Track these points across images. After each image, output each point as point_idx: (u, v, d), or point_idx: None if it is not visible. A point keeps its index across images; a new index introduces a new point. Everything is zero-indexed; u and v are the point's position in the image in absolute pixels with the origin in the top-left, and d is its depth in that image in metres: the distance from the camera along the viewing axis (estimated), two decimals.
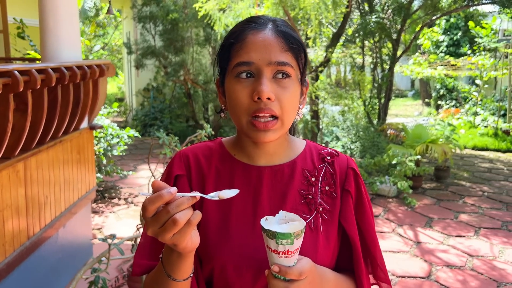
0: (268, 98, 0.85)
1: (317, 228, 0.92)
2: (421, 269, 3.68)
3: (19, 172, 2.54)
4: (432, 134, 6.24)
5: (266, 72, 0.86)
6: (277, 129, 0.88)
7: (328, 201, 0.95)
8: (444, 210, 5.16)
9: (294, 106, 0.90)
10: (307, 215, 0.92)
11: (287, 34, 0.89)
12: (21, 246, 2.58)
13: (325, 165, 0.98)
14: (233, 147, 0.99)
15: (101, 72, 3.38)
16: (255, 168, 0.95)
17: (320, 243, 0.91)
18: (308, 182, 0.96)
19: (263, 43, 0.86)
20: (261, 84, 0.84)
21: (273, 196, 0.94)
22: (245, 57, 0.86)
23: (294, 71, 0.88)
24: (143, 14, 7.59)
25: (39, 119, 2.59)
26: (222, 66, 0.93)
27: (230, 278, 0.89)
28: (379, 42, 7.83)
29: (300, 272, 0.79)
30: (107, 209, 4.95)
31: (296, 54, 0.89)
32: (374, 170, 5.88)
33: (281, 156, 0.98)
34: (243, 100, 0.87)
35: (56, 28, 3.21)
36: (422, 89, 14.91)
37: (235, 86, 0.87)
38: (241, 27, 0.91)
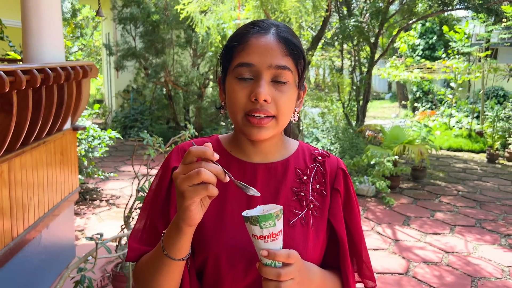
0: (265, 100, 0.89)
1: (307, 224, 0.97)
2: (400, 266, 3.80)
3: (3, 173, 2.54)
4: (409, 135, 6.42)
5: (265, 75, 0.90)
6: (271, 127, 0.93)
7: (319, 199, 1.00)
8: (421, 209, 5.32)
9: (290, 108, 0.95)
10: (298, 211, 0.97)
11: (288, 40, 0.92)
12: (5, 247, 2.57)
13: (316, 165, 1.03)
14: (229, 143, 1.04)
15: (85, 73, 3.38)
16: (250, 164, 1.00)
17: (310, 238, 0.96)
18: (300, 180, 1.01)
19: (265, 47, 0.90)
20: (259, 86, 0.89)
21: (266, 192, 0.98)
22: (247, 58, 0.90)
23: (292, 76, 0.93)
24: (123, 16, 7.56)
25: (23, 120, 2.59)
26: (224, 66, 0.98)
27: (223, 269, 0.93)
28: (358, 45, 7.99)
29: (287, 254, 0.83)
30: (88, 211, 4.93)
31: (296, 59, 0.93)
32: (353, 170, 6.01)
33: (275, 155, 1.02)
34: (240, 99, 0.91)
35: (39, 29, 3.20)
36: (399, 92, 15.23)
37: (235, 86, 0.92)
38: (245, 30, 0.94)
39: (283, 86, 0.91)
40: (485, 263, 3.89)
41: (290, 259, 0.83)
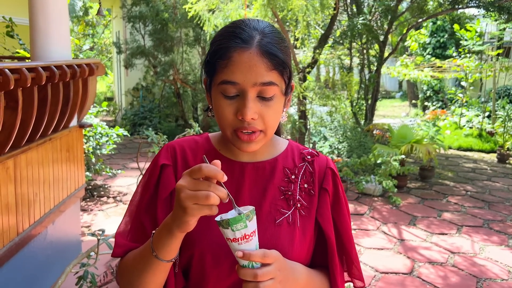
0: (252, 118, 0.89)
1: (294, 223, 0.97)
2: (404, 266, 3.78)
3: (9, 169, 2.58)
4: (417, 134, 6.37)
5: (250, 92, 0.88)
6: (260, 140, 0.93)
7: (306, 198, 1.00)
8: (428, 208, 5.28)
9: (277, 119, 0.94)
10: (285, 210, 0.97)
11: (273, 54, 0.89)
12: (10, 242, 2.61)
13: (305, 164, 1.03)
14: (219, 142, 1.04)
15: (91, 71, 3.42)
16: (238, 163, 1.01)
17: (297, 238, 0.96)
18: (288, 180, 1.01)
19: (248, 64, 0.87)
20: (244, 106, 0.88)
21: (254, 190, 0.99)
22: (231, 76, 0.88)
23: (278, 88, 0.91)
24: (132, 14, 7.61)
25: (29, 117, 2.63)
26: (208, 74, 0.95)
27: (208, 267, 0.93)
28: (366, 43, 7.95)
29: (263, 253, 0.82)
30: (95, 207, 4.98)
31: (281, 71, 0.91)
32: (360, 169, 5.98)
33: (264, 154, 1.03)
34: (227, 116, 0.90)
35: (46, 27, 3.24)
36: (410, 91, 15.11)
37: (220, 102, 0.90)
38: (227, 42, 0.90)
39: (269, 101, 0.91)
40: (491, 264, 3.85)
41: (266, 259, 0.83)
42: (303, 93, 5.58)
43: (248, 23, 0.93)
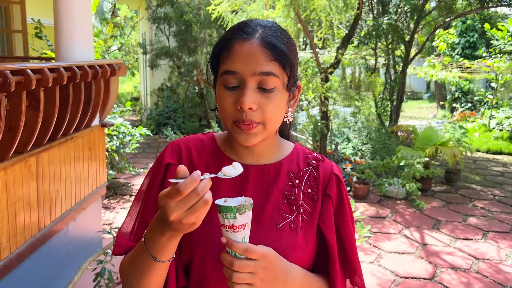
0: (250, 108, 0.88)
1: (296, 228, 0.96)
2: (425, 271, 3.69)
3: (31, 166, 2.65)
4: (443, 136, 6.21)
5: (250, 83, 0.88)
6: (259, 133, 0.92)
7: (310, 204, 0.98)
8: (453, 213, 5.15)
9: (278, 113, 0.93)
10: (288, 215, 0.96)
11: (273, 44, 0.89)
12: (32, 238, 2.69)
13: (310, 169, 1.02)
14: (224, 143, 1.03)
15: (113, 72, 3.48)
16: (242, 166, 0.99)
17: (299, 243, 0.95)
18: (292, 184, 0.99)
19: (248, 54, 0.88)
20: (243, 95, 0.88)
21: (258, 194, 0.97)
22: (231, 66, 0.89)
23: (279, 80, 0.90)
24: (157, 15, 7.72)
25: (50, 116, 2.69)
26: (213, 71, 0.98)
27: (208, 268, 0.93)
28: (392, 44, 7.81)
29: (245, 248, 0.81)
30: (118, 205, 5.07)
31: (282, 63, 0.90)
32: (383, 171, 5.88)
33: (269, 157, 1.02)
34: (228, 107, 0.91)
35: (70, 29, 3.32)
36: (437, 92, 14.77)
37: (222, 93, 0.92)
38: (230, 35, 0.92)
39: (269, 93, 0.90)
40: None
41: (249, 254, 0.82)
42: (324, 94, 5.53)
43: (254, 20, 0.95)
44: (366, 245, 4.15)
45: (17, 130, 2.33)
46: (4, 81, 2.11)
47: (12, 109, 2.31)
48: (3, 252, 2.39)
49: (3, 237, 2.39)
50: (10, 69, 2.19)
